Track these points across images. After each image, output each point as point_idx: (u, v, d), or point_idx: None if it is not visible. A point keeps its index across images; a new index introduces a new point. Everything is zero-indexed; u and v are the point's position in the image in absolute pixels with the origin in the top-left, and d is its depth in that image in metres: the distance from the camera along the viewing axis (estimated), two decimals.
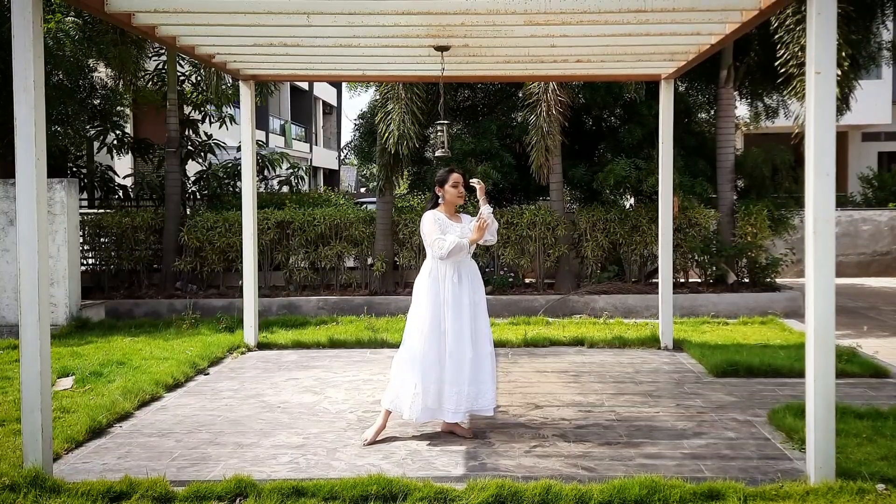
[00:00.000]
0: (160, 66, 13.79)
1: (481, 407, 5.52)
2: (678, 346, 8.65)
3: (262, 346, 8.92)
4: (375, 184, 12.69)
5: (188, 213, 13.12)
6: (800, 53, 9.77)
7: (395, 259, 12.32)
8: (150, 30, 6.45)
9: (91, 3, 5.59)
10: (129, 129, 15.82)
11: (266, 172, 15.27)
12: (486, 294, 10.83)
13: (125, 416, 6.09)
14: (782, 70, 10.27)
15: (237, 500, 4.32)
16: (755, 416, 5.97)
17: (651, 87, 11.90)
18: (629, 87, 11.92)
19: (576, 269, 12.34)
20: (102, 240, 12.49)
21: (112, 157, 14.49)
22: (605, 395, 6.66)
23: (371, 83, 14.29)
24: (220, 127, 14.27)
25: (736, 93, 13.20)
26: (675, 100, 8.52)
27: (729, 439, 5.42)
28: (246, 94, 8.64)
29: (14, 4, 4.57)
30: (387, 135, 11.56)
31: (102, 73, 13.90)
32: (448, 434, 5.59)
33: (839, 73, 4.73)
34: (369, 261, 12.35)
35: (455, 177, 5.63)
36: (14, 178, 4.77)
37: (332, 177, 45.80)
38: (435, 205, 5.71)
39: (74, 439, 5.38)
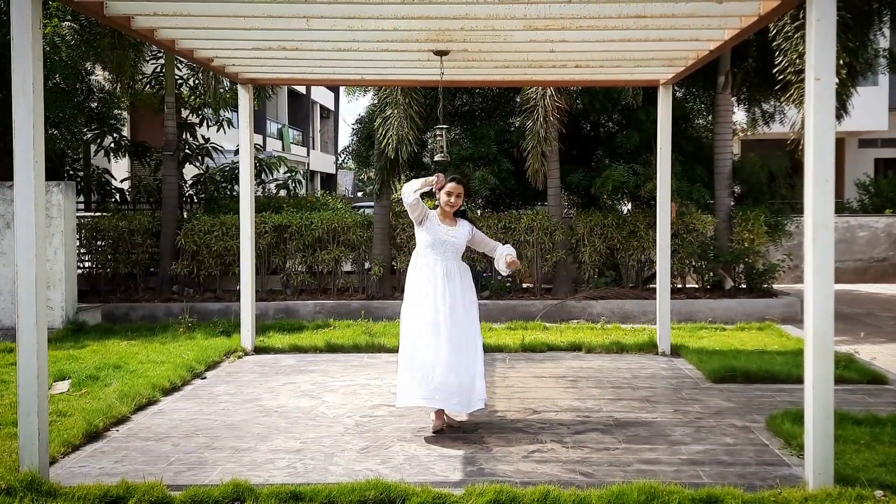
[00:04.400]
0: (158, 70, 13.78)
1: None
2: (676, 351, 8.64)
3: (259, 350, 8.90)
4: (372, 188, 12.69)
5: (185, 216, 13.10)
6: (798, 60, 9.79)
7: (393, 263, 12.31)
8: (149, 33, 6.45)
9: (91, 6, 5.59)
10: (126, 132, 15.81)
11: (263, 176, 15.25)
12: (484, 298, 10.84)
13: (122, 420, 6.07)
14: (780, 77, 10.30)
15: None
16: (753, 421, 5.97)
17: (649, 92, 11.91)
18: (627, 92, 11.93)
19: (573, 274, 12.34)
20: (99, 243, 12.46)
21: (109, 161, 14.47)
22: (602, 401, 6.65)
23: (369, 88, 14.30)
24: (218, 130, 14.26)
25: (734, 99, 13.22)
26: (672, 105, 8.53)
27: (727, 445, 5.41)
28: (244, 98, 8.64)
29: (13, 8, 4.57)
30: (385, 139, 11.56)
31: (100, 76, 13.89)
32: (446, 438, 5.59)
33: (837, 79, 4.74)
34: (367, 265, 12.34)
35: (450, 186, 5.94)
36: (12, 181, 4.76)
37: (329, 181, 45.77)
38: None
39: (71, 443, 5.36)
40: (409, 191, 5.81)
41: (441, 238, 5.90)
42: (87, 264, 12.54)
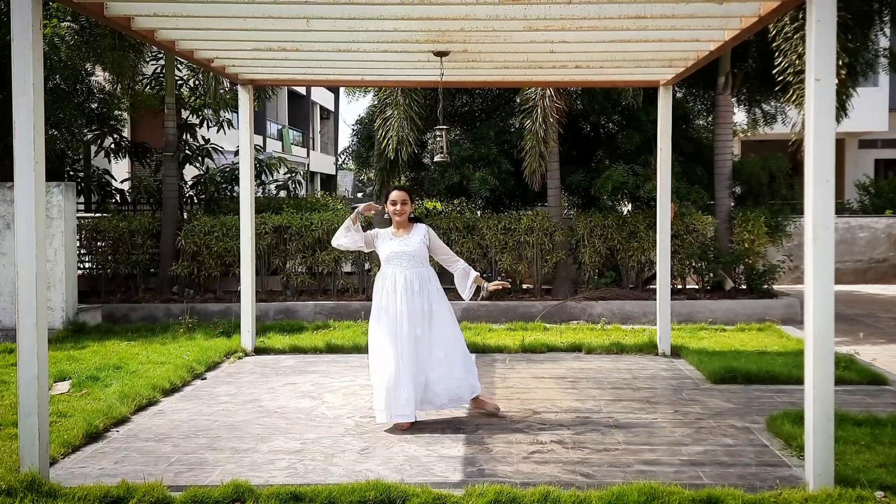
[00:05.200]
0: (158, 71, 13.78)
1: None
2: (676, 352, 8.64)
3: (259, 350, 8.90)
4: (373, 189, 12.69)
5: (185, 217, 13.10)
6: (797, 61, 9.80)
7: None
8: (149, 34, 6.45)
9: (91, 7, 5.60)
10: (126, 133, 15.80)
11: (263, 177, 15.25)
12: (484, 300, 10.87)
13: (122, 421, 6.07)
14: (780, 78, 10.30)
15: None
16: (753, 422, 5.97)
17: (649, 93, 11.92)
18: (627, 93, 11.94)
19: (573, 275, 12.33)
20: (99, 244, 12.46)
21: (109, 161, 14.47)
22: (602, 402, 6.65)
23: (369, 88, 14.31)
24: (218, 131, 14.25)
25: (734, 99, 13.22)
26: (673, 106, 8.53)
27: (727, 446, 5.41)
28: (244, 99, 8.64)
29: (13, 8, 4.57)
30: (385, 140, 11.57)
31: (100, 77, 13.89)
32: (446, 439, 5.59)
33: (837, 80, 4.74)
34: (367, 266, 12.34)
35: (393, 195, 6.08)
36: (12, 182, 4.76)
37: (329, 182, 45.79)
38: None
39: (71, 444, 5.36)
40: (341, 240, 6.10)
41: (394, 251, 6.01)
42: (87, 265, 12.53)
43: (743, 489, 4.41)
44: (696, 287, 12.44)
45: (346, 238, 6.11)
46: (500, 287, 6.43)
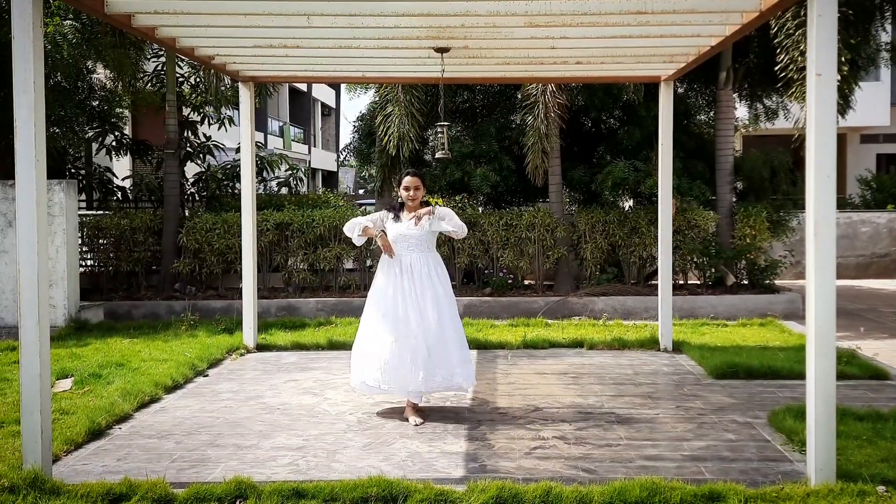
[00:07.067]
0: (159, 68, 13.78)
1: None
2: (677, 347, 8.64)
3: (261, 347, 8.91)
4: (374, 185, 12.69)
5: (187, 214, 13.10)
6: (799, 58, 9.77)
7: None
8: (149, 31, 6.45)
9: (91, 4, 5.59)
10: (127, 130, 15.79)
11: (265, 174, 15.24)
12: (486, 296, 10.87)
13: (124, 418, 6.08)
14: (782, 74, 10.28)
15: (237, 502, 4.31)
16: (755, 417, 5.97)
17: (650, 88, 11.90)
18: (628, 88, 11.93)
19: (575, 271, 12.33)
20: (101, 241, 12.46)
21: (111, 159, 14.47)
22: (604, 397, 6.66)
23: (370, 85, 14.31)
24: (219, 128, 14.24)
25: (735, 95, 13.20)
26: (674, 101, 8.52)
27: (729, 441, 5.42)
28: (245, 96, 8.64)
29: (14, 7, 4.57)
30: (386, 137, 11.57)
31: (101, 74, 13.88)
32: (448, 434, 5.60)
33: (838, 75, 4.74)
34: (368, 262, 12.34)
35: (406, 180, 6.15)
36: (13, 180, 4.76)
37: (330, 178, 45.80)
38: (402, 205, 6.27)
39: (74, 441, 5.37)
40: (352, 234, 6.26)
41: (402, 233, 6.14)
42: (89, 262, 12.54)
43: (745, 484, 4.41)
44: (698, 282, 12.44)
45: (357, 241, 6.34)
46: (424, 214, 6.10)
